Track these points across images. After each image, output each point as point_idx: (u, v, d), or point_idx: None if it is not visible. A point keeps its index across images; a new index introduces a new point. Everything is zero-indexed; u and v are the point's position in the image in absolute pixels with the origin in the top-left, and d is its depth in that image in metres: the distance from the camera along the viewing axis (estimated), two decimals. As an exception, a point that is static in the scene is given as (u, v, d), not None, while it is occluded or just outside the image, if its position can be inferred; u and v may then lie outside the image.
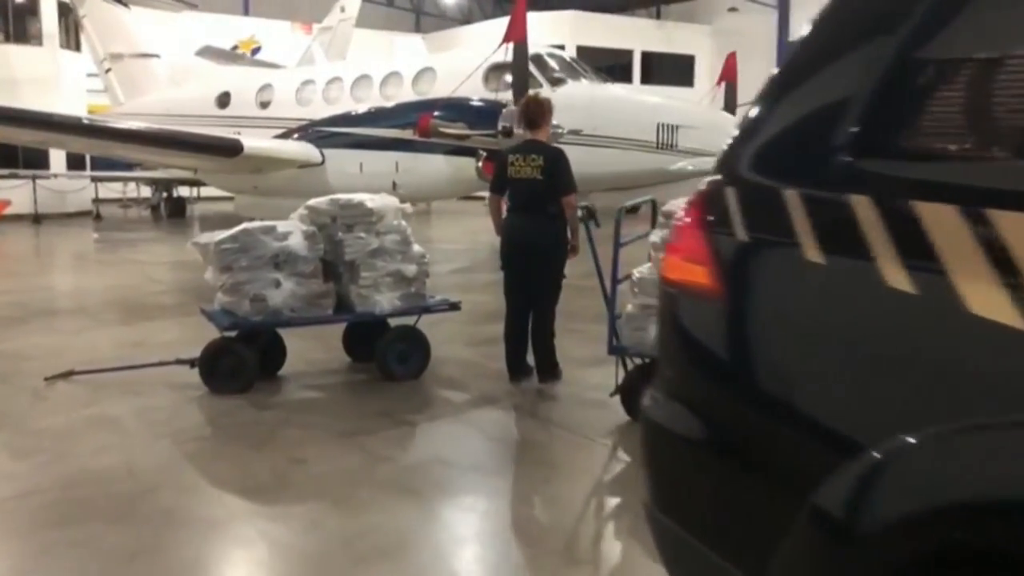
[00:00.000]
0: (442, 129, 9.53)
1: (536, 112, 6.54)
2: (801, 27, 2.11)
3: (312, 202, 6.69)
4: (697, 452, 2.07)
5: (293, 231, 6.36)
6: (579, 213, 6.30)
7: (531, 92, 6.67)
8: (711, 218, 2.12)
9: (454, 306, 6.95)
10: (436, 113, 9.84)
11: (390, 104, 11.41)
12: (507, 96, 12.02)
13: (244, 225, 6.34)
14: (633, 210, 6.80)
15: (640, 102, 12.71)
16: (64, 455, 5.01)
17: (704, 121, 11.86)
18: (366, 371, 6.99)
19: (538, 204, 6.44)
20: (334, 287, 6.53)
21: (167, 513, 4.24)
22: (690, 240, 2.14)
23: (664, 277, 2.28)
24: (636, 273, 5.53)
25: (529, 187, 6.41)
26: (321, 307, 6.44)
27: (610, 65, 27.87)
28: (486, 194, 7.46)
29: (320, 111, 13.76)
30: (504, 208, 6.79)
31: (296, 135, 11.61)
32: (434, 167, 10.16)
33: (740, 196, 2.05)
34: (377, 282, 6.53)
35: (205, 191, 27.58)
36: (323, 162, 10.85)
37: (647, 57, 33.08)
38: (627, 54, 32.59)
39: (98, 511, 4.24)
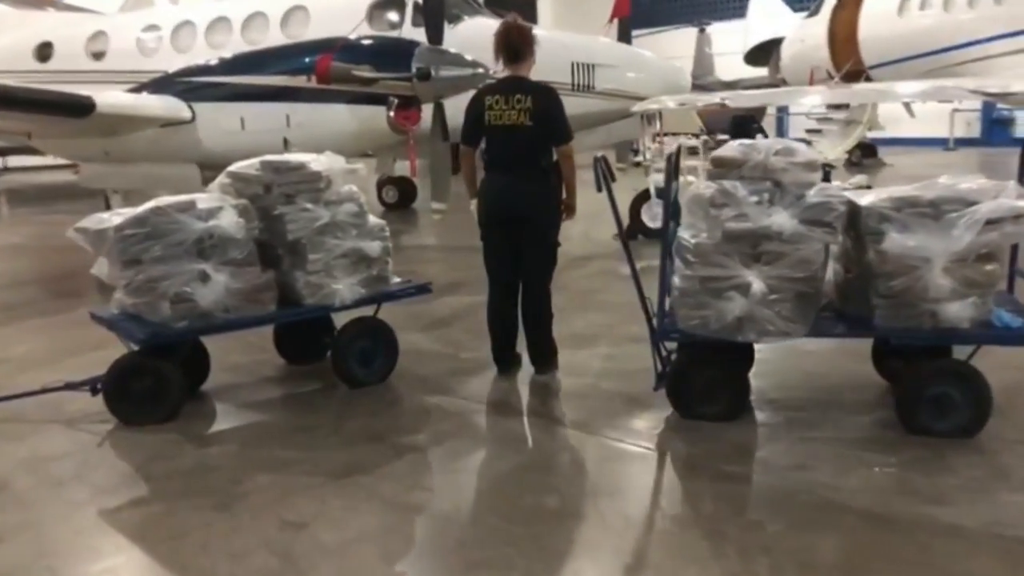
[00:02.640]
0: (355, 72, 8.03)
1: (520, 41, 5.25)
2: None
3: (237, 168, 5.17)
4: None
5: (221, 207, 4.84)
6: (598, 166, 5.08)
7: (508, 17, 5.40)
8: None
9: (423, 288, 5.63)
10: (336, 55, 8.32)
11: (275, 46, 9.71)
12: (398, 33, 10.59)
13: (155, 202, 4.76)
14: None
15: (551, 39, 11.42)
16: (-56, 554, 3.44)
17: (621, 58, 10.83)
18: (314, 375, 5.60)
19: (527, 157, 5.20)
20: (273, 275, 5.06)
21: (138, 643, 2.83)
22: None
23: None
24: (687, 237, 4.40)
25: (515, 136, 5.16)
26: (261, 303, 4.98)
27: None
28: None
29: (169, 61, 11.75)
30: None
31: (149, 88, 9.71)
32: (335, 119, 8.63)
33: None
34: (329, 265, 5.12)
35: (13, 160, 24.48)
36: (193, 119, 9.08)
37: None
38: (471, -3, 31.20)
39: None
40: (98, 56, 13.18)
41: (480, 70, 8.61)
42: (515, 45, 5.23)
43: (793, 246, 4.23)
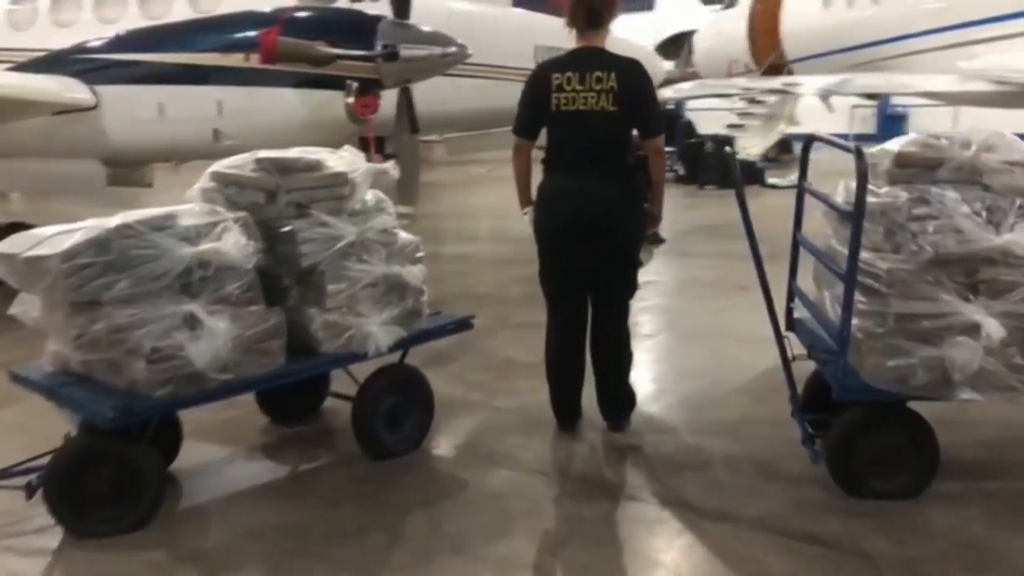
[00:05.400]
0: (320, 49, 6.56)
1: (604, 2, 4.04)
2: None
3: (226, 167, 3.75)
4: None
5: (216, 222, 3.42)
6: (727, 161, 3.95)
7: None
8: None
9: (465, 323, 4.34)
10: (283, 28, 6.87)
11: (201, 18, 8.08)
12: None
13: (120, 218, 3.30)
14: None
15: (512, 19, 10.23)
16: None
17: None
18: (316, 441, 4.27)
19: (609, 151, 4.02)
20: (282, 315, 3.68)
21: None
22: None
23: None
24: (870, 259, 3.30)
25: (594, 125, 3.97)
26: (268, 353, 3.58)
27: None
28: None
29: (47, 37, 9.88)
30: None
31: (35, 68, 7.93)
32: (280, 106, 7.13)
33: None
34: (354, 299, 3.78)
35: None
36: (96, 105, 7.41)
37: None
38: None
39: None
40: (-45, 31, 11.10)
41: (453, 49, 7.30)
42: (595, 6, 4.01)
43: (1022, 272, 3.20)
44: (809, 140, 3.98)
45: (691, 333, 6.19)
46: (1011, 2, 13.29)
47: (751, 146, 18.02)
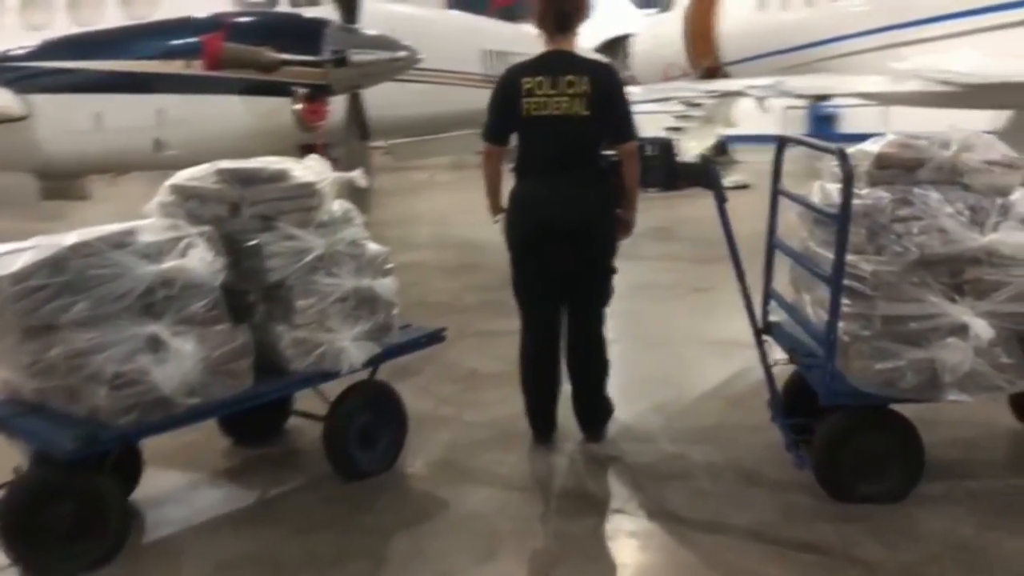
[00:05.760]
0: (270, 55, 6.33)
1: (573, 5, 3.95)
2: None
3: (186, 179, 3.56)
4: None
5: (179, 238, 3.25)
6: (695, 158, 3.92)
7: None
8: None
9: (436, 336, 4.21)
10: (227, 34, 6.63)
11: (139, 24, 7.77)
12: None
13: (77, 236, 3.10)
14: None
15: (458, 23, 10.10)
16: None
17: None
18: (282, 462, 4.10)
19: (582, 156, 3.95)
20: (249, 334, 3.51)
21: None
22: None
23: None
24: (856, 261, 3.27)
25: (566, 131, 3.89)
26: (235, 375, 3.40)
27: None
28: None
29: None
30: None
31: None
32: (225, 114, 6.89)
33: None
34: (324, 314, 3.63)
35: None
36: (27, 115, 7.08)
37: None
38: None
39: None
40: None
41: (403, 53, 7.18)
42: (565, 8, 3.93)
43: (1006, 271, 3.20)
44: (782, 141, 3.94)
45: (653, 338, 6.11)
46: (940, 5, 13.61)
47: (689, 148, 18.19)
